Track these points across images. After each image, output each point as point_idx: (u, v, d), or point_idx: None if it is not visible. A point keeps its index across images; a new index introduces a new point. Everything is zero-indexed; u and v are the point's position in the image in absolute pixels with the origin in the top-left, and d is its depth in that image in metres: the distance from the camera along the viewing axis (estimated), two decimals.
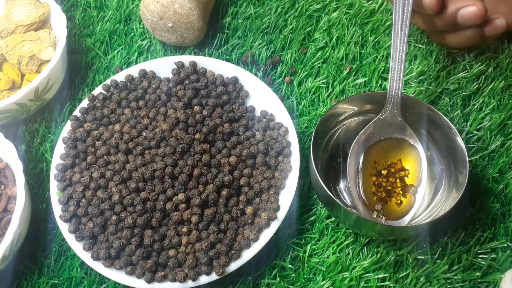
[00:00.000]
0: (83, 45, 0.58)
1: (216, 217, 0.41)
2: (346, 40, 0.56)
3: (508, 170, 0.47)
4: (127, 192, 0.42)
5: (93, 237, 0.41)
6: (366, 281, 0.42)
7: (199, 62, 0.50)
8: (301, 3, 0.59)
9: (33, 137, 0.52)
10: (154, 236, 0.41)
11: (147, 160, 0.43)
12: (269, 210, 0.42)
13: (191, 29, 0.53)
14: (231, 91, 0.49)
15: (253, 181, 0.43)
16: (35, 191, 0.48)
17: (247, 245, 0.41)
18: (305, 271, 0.43)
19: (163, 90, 0.48)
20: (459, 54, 0.54)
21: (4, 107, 0.47)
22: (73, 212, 0.42)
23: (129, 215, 0.41)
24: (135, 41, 0.58)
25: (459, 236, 0.44)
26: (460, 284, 0.42)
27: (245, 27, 0.58)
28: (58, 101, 0.53)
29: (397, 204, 0.44)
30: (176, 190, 0.42)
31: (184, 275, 0.39)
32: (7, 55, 0.51)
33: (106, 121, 0.47)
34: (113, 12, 0.60)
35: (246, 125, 0.47)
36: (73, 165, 0.45)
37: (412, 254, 0.43)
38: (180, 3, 0.51)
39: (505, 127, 0.49)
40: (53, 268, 0.45)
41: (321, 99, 0.52)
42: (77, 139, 0.46)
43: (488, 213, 0.45)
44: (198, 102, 0.47)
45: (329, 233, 0.45)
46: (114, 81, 0.49)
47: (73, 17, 0.61)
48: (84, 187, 0.43)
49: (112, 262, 0.40)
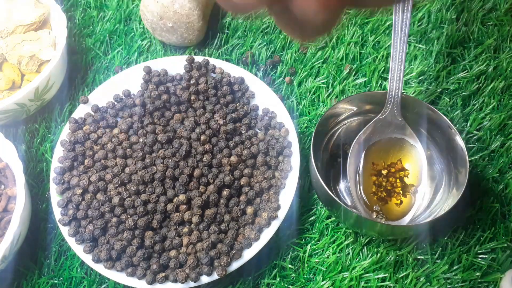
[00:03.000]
0: (83, 45, 0.58)
1: (217, 218, 0.41)
2: (346, 40, 0.56)
3: (508, 170, 0.47)
4: (128, 194, 0.42)
5: (94, 239, 0.41)
6: (366, 281, 0.42)
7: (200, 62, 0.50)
8: None
9: (33, 137, 0.52)
10: (155, 237, 0.41)
11: (147, 164, 0.43)
12: (270, 210, 0.42)
13: (191, 29, 0.53)
14: (237, 91, 0.49)
15: (254, 181, 0.43)
16: (35, 191, 0.48)
17: (248, 244, 0.41)
18: (305, 271, 0.43)
19: (171, 91, 0.48)
20: (459, 54, 0.54)
21: (4, 107, 0.47)
22: (73, 215, 0.42)
23: (130, 217, 0.41)
24: (135, 41, 0.58)
25: (459, 236, 0.44)
26: (460, 284, 0.42)
27: (245, 27, 0.58)
28: (58, 101, 0.53)
29: (397, 204, 0.44)
30: (177, 191, 0.42)
31: (185, 275, 0.39)
32: (7, 55, 0.51)
33: (105, 123, 0.47)
34: (113, 12, 0.60)
35: (249, 124, 0.47)
36: (71, 168, 0.45)
37: (412, 254, 0.43)
38: (180, 3, 0.51)
39: (505, 127, 0.49)
40: (53, 268, 0.45)
41: (321, 99, 0.52)
42: (76, 142, 0.46)
43: (488, 213, 0.45)
44: (202, 104, 0.47)
45: (329, 233, 0.45)
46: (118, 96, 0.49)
47: (73, 17, 0.61)
48: (83, 190, 0.43)
49: (113, 263, 0.40)
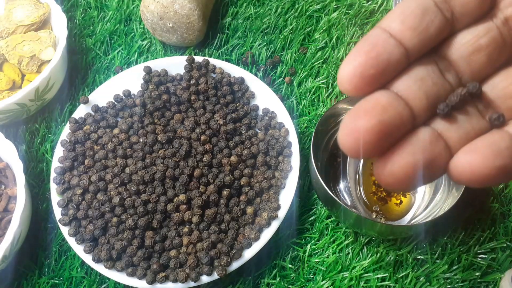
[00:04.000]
0: (84, 46, 0.58)
1: (217, 217, 0.41)
2: (346, 40, 0.56)
3: None
4: (128, 194, 0.42)
5: (94, 239, 0.41)
6: (366, 281, 0.42)
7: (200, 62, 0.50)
8: (301, 3, 0.59)
9: (33, 137, 0.52)
10: (155, 237, 0.41)
11: (147, 164, 0.43)
12: (270, 210, 0.42)
13: (191, 29, 0.53)
14: (237, 91, 0.49)
15: (254, 181, 0.44)
16: (36, 191, 0.48)
17: (248, 244, 0.41)
18: (305, 271, 0.43)
19: (172, 91, 0.48)
20: None
21: (4, 107, 0.47)
22: (73, 215, 0.42)
23: (130, 217, 0.41)
24: (135, 41, 0.58)
25: (459, 236, 0.44)
26: (459, 284, 0.42)
27: (245, 27, 0.58)
28: (59, 101, 0.53)
29: (397, 204, 0.44)
30: (177, 191, 0.42)
31: (186, 275, 0.39)
32: (8, 55, 0.51)
33: (105, 123, 0.47)
34: (113, 13, 0.60)
35: (249, 124, 0.47)
36: (72, 168, 0.45)
37: (412, 254, 0.43)
38: (180, 3, 0.51)
39: None
40: (53, 268, 0.45)
41: (321, 99, 0.52)
42: (76, 142, 0.46)
43: (488, 213, 0.45)
44: (202, 105, 0.47)
45: (329, 233, 0.45)
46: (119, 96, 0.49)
47: (74, 18, 0.61)
48: (83, 190, 0.43)
49: (113, 263, 0.40)
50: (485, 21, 0.18)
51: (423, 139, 0.16)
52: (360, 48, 0.16)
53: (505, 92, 0.18)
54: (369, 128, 0.16)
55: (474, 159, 0.16)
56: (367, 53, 0.16)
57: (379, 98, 0.16)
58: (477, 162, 0.16)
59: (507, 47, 0.18)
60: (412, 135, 0.16)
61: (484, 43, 0.17)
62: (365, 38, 0.17)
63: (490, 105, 0.18)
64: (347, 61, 0.16)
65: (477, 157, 0.16)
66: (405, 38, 0.17)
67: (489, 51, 0.17)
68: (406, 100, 0.17)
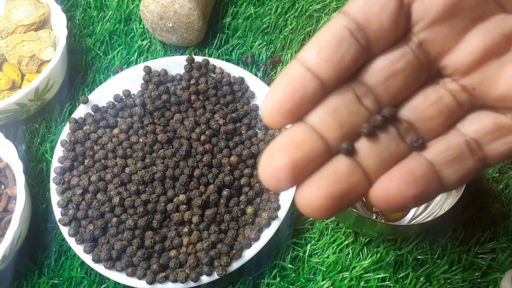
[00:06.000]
0: (83, 45, 0.58)
1: (217, 217, 0.41)
2: None
3: (508, 170, 0.47)
4: (128, 194, 0.42)
5: (94, 239, 0.41)
6: (366, 281, 0.42)
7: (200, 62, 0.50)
8: (301, 3, 0.59)
9: (33, 137, 0.52)
10: (155, 237, 0.41)
11: (147, 164, 0.43)
12: (270, 210, 0.42)
13: (191, 29, 0.53)
14: (237, 91, 0.49)
15: (254, 181, 0.44)
16: (35, 191, 0.48)
17: (248, 244, 0.41)
18: (305, 271, 0.43)
19: (171, 90, 0.48)
20: None
21: (4, 107, 0.47)
22: (73, 215, 0.42)
23: (130, 217, 0.41)
24: (135, 41, 0.58)
25: (459, 236, 0.44)
26: (460, 284, 0.42)
27: (245, 27, 0.58)
28: (58, 101, 0.53)
29: None
30: (177, 191, 0.42)
31: (186, 275, 0.39)
32: (7, 55, 0.51)
33: (105, 123, 0.47)
34: (113, 12, 0.60)
35: (249, 124, 0.47)
36: (71, 168, 0.45)
37: (412, 254, 0.43)
38: (180, 3, 0.51)
39: None
40: (53, 268, 0.45)
41: None
42: (76, 142, 0.46)
43: (488, 213, 0.45)
44: (202, 104, 0.47)
45: (329, 233, 0.45)
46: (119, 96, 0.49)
47: (73, 17, 0.61)
48: (83, 190, 0.43)
49: (113, 263, 0.40)
50: (401, 45, 0.18)
51: (340, 169, 0.17)
52: (278, 84, 0.17)
53: (424, 114, 0.18)
54: (282, 166, 0.16)
55: (391, 189, 0.16)
56: (284, 89, 0.17)
57: (293, 134, 0.17)
58: (393, 192, 0.16)
59: (423, 70, 0.18)
60: (329, 165, 0.17)
61: (400, 67, 0.17)
62: (284, 72, 0.17)
63: (411, 128, 0.18)
64: (267, 96, 0.17)
65: (393, 187, 0.16)
66: (321, 71, 0.17)
67: (405, 75, 0.17)
68: (320, 133, 0.17)
